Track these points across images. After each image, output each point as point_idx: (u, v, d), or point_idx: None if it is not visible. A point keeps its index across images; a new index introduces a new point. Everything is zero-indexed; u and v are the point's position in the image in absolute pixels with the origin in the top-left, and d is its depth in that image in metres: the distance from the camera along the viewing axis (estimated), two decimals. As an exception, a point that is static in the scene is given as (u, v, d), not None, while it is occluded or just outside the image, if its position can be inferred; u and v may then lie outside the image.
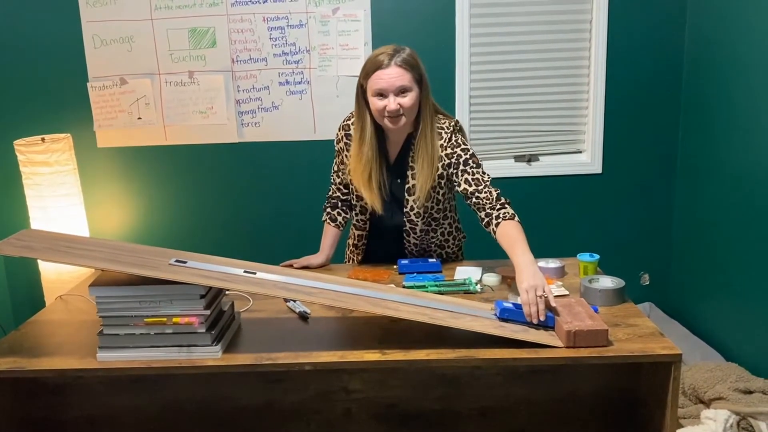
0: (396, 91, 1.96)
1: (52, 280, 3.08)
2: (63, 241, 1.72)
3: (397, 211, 2.20)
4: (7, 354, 1.68)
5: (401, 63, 1.96)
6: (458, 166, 2.07)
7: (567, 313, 1.68)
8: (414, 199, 2.13)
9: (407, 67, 1.97)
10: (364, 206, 2.22)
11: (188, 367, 1.60)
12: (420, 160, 2.06)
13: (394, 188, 2.18)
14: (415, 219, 2.18)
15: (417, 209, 2.15)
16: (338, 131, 2.23)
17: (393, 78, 1.95)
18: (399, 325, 1.75)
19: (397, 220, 2.21)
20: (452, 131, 2.11)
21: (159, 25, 3.21)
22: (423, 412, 1.89)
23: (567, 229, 3.43)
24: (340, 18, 3.19)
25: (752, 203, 2.68)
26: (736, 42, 2.79)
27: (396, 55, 1.96)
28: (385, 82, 1.95)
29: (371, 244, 2.34)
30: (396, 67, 1.95)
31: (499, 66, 3.28)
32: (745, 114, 2.72)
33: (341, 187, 2.31)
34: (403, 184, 2.15)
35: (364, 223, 2.28)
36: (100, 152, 3.36)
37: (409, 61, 1.98)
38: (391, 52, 1.97)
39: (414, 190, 2.11)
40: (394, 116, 1.99)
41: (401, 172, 2.15)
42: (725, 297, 2.92)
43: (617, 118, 3.32)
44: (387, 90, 1.96)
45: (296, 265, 2.24)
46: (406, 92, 1.97)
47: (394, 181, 2.17)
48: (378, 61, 1.97)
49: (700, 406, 2.43)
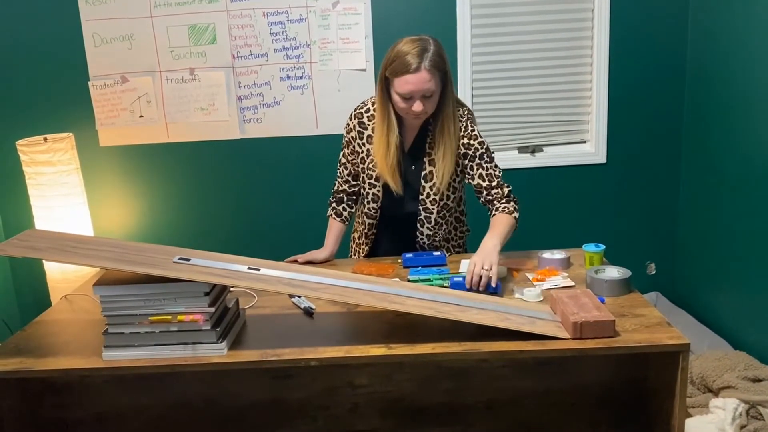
0: (422, 94, 1.96)
1: (57, 279, 3.09)
2: (67, 241, 1.71)
3: (409, 200, 2.19)
4: (13, 354, 1.68)
5: (430, 67, 1.92)
6: (474, 159, 2.11)
7: (573, 304, 1.67)
8: (431, 186, 2.13)
9: (435, 70, 1.94)
10: (376, 194, 2.20)
11: (194, 365, 1.60)
12: (442, 148, 2.07)
13: (408, 175, 2.17)
14: (430, 206, 2.17)
15: (433, 196, 2.15)
16: (350, 120, 2.22)
17: (421, 83, 1.93)
18: (404, 320, 1.75)
19: (410, 208, 2.20)
20: (467, 120, 2.12)
21: (159, 22, 3.20)
22: (430, 406, 1.88)
23: (572, 219, 3.42)
24: (340, 12, 3.18)
25: (758, 191, 2.66)
26: (741, 30, 2.76)
27: (425, 58, 1.92)
28: (413, 86, 1.93)
29: (379, 234, 2.32)
30: (425, 72, 1.92)
31: (502, 57, 3.26)
32: (751, 101, 2.70)
33: (349, 179, 2.29)
34: (418, 171, 2.15)
35: (375, 212, 2.25)
36: (103, 151, 3.36)
37: (437, 62, 1.94)
38: (419, 52, 1.92)
39: (431, 176, 2.12)
40: (418, 116, 2.01)
41: (417, 159, 2.15)
42: (732, 285, 2.90)
43: (621, 108, 3.31)
44: (415, 93, 1.95)
45: (301, 260, 2.23)
46: (431, 94, 1.97)
47: (408, 168, 2.16)
48: (407, 62, 1.92)
49: (709, 395, 2.42)
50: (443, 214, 2.21)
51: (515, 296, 1.87)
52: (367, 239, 2.32)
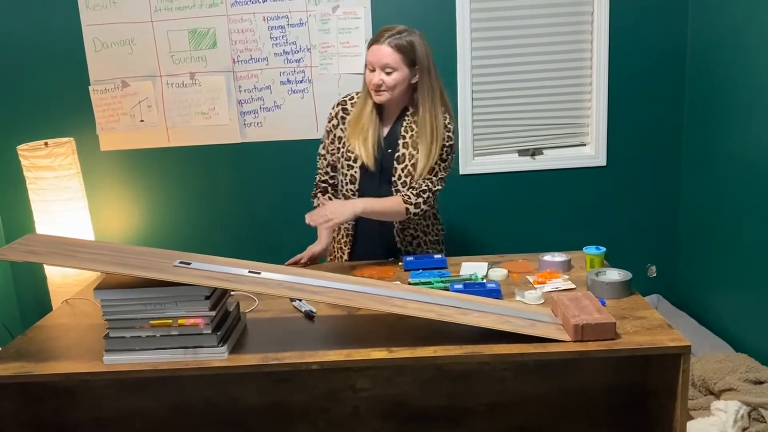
0: (382, 67, 2.12)
1: (58, 284, 3.09)
2: (68, 245, 1.71)
3: (384, 183, 2.26)
4: (14, 358, 1.68)
5: (393, 45, 2.11)
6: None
7: (574, 306, 1.67)
8: (403, 167, 2.22)
9: (398, 49, 2.11)
10: (353, 175, 2.27)
11: (195, 369, 1.60)
12: (425, 136, 2.18)
13: (384, 159, 2.25)
14: (401, 189, 2.23)
15: (404, 178, 2.22)
16: (332, 109, 2.34)
17: (382, 55, 2.11)
18: (405, 323, 1.74)
19: (385, 191, 2.26)
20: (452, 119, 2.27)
21: (159, 26, 3.21)
22: (431, 409, 1.88)
23: (572, 222, 3.42)
24: (340, 16, 3.18)
25: (758, 192, 2.66)
26: (740, 31, 2.77)
27: (393, 36, 2.12)
28: (375, 56, 2.13)
29: (359, 227, 2.35)
30: (387, 47, 2.11)
31: (501, 60, 3.26)
32: (751, 103, 2.70)
33: (328, 170, 2.39)
34: (393, 153, 2.24)
35: (353, 194, 2.30)
36: (103, 155, 3.36)
37: (403, 45, 2.12)
38: (392, 33, 2.13)
39: (403, 158, 2.22)
40: (378, 90, 2.15)
41: (393, 144, 2.24)
42: (733, 287, 2.90)
43: (621, 110, 3.31)
44: (374, 64, 2.13)
45: (303, 260, 2.27)
46: (391, 71, 2.12)
47: (384, 151, 2.25)
48: (378, 36, 2.14)
49: (710, 397, 2.42)
50: None
51: (516, 299, 1.87)
52: (347, 236, 2.35)
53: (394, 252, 2.33)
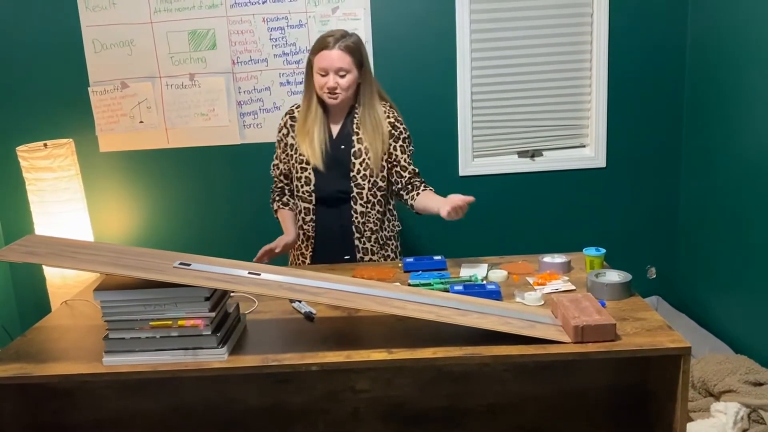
0: (336, 71, 2.21)
1: (57, 285, 3.08)
2: (67, 246, 1.71)
3: (341, 178, 2.32)
4: (13, 360, 1.68)
5: (344, 48, 2.21)
6: (398, 140, 2.34)
7: (574, 308, 1.67)
8: (360, 161, 2.30)
9: (348, 52, 2.21)
10: (308, 177, 2.34)
11: (194, 370, 1.59)
12: (368, 128, 2.29)
13: (338, 155, 2.32)
14: (361, 182, 2.31)
15: (363, 172, 2.30)
16: (282, 118, 2.43)
17: (334, 59, 2.20)
18: (405, 324, 1.74)
19: (342, 186, 2.33)
20: (390, 107, 2.38)
21: (159, 28, 3.21)
22: (431, 411, 1.88)
23: (572, 223, 3.42)
24: (340, 17, 3.18)
25: (759, 194, 2.66)
26: (740, 32, 2.77)
27: (341, 40, 2.21)
28: (328, 62, 2.21)
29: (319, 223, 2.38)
30: (338, 51, 2.20)
31: (501, 62, 3.27)
32: (751, 105, 2.71)
33: (282, 178, 2.48)
34: (348, 150, 2.32)
35: (310, 195, 2.35)
36: (103, 157, 3.36)
37: (351, 47, 2.23)
38: (338, 37, 2.22)
39: (359, 153, 2.30)
40: (332, 93, 2.23)
41: (346, 141, 2.33)
42: (733, 289, 2.90)
43: (620, 111, 3.31)
44: (328, 69, 2.21)
45: (277, 249, 2.34)
46: (345, 74, 2.22)
47: (338, 148, 2.33)
48: (325, 42, 2.22)
49: (710, 399, 2.42)
50: (374, 192, 2.34)
51: (516, 300, 1.87)
52: (307, 225, 2.39)
53: (352, 250, 2.38)
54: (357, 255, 2.37)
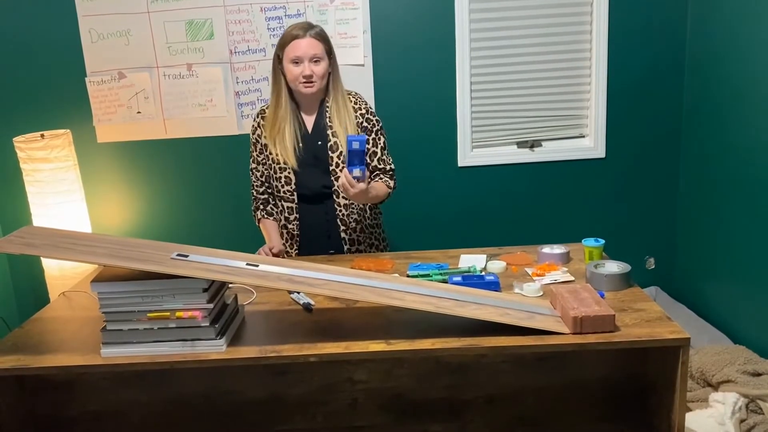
0: (310, 59, 2.21)
1: (55, 276, 3.08)
2: (65, 238, 1.70)
3: (321, 174, 2.32)
4: (11, 351, 1.68)
5: (315, 35, 2.23)
6: (371, 132, 2.34)
7: (573, 298, 1.66)
8: (338, 155, 2.29)
9: (320, 38, 2.24)
10: (288, 176, 2.32)
11: (192, 361, 1.59)
12: (342, 120, 2.29)
13: (317, 151, 2.31)
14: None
15: (342, 164, 2.28)
16: (254, 119, 2.41)
17: (308, 47, 2.21)
18: (404, 315, 1.74)
19: (324, 182, 2.32)
20: (358, 97, 2.38)
21: (156, 17, 3.19)
22: (429, 402, 1.88)
23: (571, 214, 3.42)
24: (338, 6, 3.17)
25: (757, 185, 2.66)
26: (740, 24, 2.75)
27: (310, 29, 2.24)
28: (301, 50, 2.21)
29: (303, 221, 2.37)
30: (310, 39, 2.22)
31: (500, 52, 3.25)
32: (750, 95, 2.70)
33: (264, 182, 2.42)
34: (324, 145, 2.31)
35: (292, 194, 2.34)
36: (100, 147, 3.35)
37: (322, 35, 2.26)
38: (306, 27, 2.24)
39: (336, 147, 2.30)
40: (309, 81, 2.23)
41: (321, 136, 2.32)
42: (732, 279, 2.90)
43: (620, 102, 3.30)
44: (302, 57, 2.21)
45: (275, 250, 2.29)
46: (318, 61, 2.23)
47: (315, 144, 2.32)
48: (294, 33, 2.23)
49: (709, 389, 2.42)
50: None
51: (515, 291, 1.87)
52: (291, 224, 2.37)
53: (339, 242, 2.37)
54: (344, 247, 2.37)
